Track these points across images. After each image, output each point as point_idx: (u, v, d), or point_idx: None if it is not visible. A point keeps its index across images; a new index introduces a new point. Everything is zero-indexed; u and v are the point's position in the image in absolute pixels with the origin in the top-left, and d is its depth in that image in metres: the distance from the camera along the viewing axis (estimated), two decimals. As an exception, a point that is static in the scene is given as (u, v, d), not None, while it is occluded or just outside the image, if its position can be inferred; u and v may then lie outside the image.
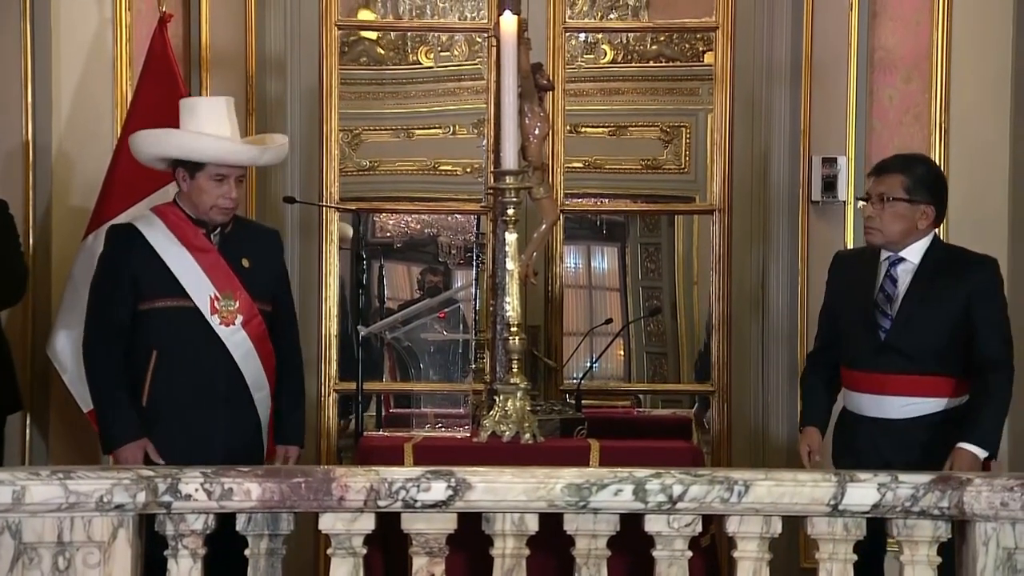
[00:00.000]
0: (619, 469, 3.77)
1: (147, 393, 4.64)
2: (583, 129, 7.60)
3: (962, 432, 4.40)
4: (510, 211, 4.84)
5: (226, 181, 4.66)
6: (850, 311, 4.65)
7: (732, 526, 3.79)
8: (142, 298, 4.66)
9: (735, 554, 3.82)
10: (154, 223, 4.71)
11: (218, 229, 4.73)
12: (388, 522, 3.81)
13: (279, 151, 4.92)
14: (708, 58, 6.89)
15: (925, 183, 4.57)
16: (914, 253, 4.58)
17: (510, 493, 3.73)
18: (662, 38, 7.64)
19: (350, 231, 6.17)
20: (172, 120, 5.63)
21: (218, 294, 4.64)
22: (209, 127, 4.72)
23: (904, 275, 4.57)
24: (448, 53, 7.69)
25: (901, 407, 4.51)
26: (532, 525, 3.78)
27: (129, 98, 5.87)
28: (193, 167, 4.67)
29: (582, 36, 7.59)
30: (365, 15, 7.42)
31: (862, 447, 4.56)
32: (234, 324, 4.66)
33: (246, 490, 3.73)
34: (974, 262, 4.61)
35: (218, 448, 4.53)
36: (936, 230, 4.67)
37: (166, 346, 4.64)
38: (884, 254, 4.62)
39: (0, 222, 5.58)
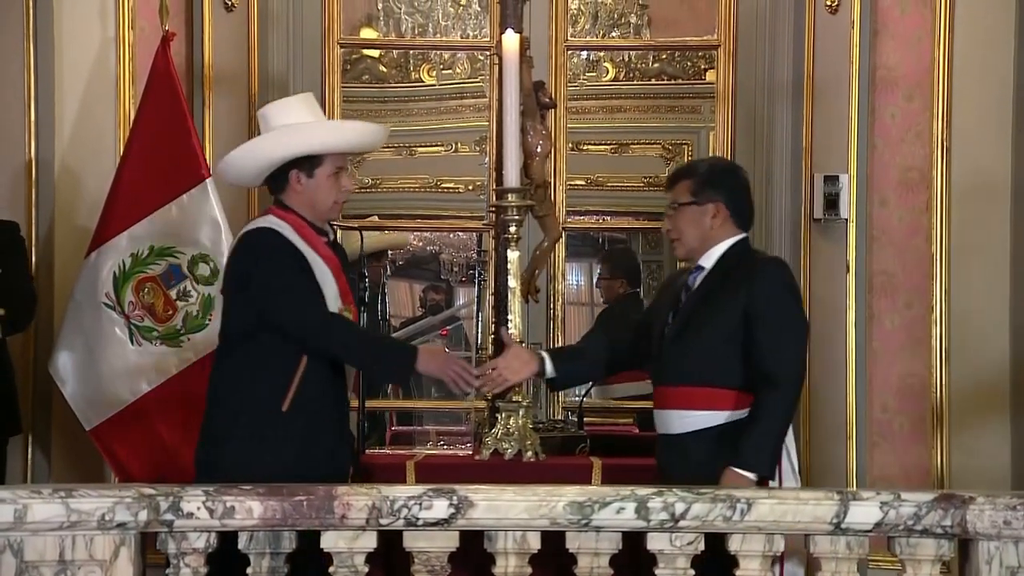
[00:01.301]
0: (621, 487, 3.75)
1: (290, 400, 4.28)
2: (585, 147, 7.61)
3: (733, 453, 4.15)
4: (512, 229, 4.84)
5: (342, 172, 4.40)
6: (653, 327, 4.43)
7: (735, 544, 3.78)
8: None
9: (738, 573, 3.81)
10: (286, 228, 4.33)
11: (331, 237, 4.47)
12: (390, 540, 3.81)
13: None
14: (710, 76, 6.91)
15: (709, 181, 4.31)
16: (710, 259, 4.32)
17: (512, 511, 3.72)
18: (664, 56, 7.67)
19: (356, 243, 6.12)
20: (176, 139, 5.67)
21: (342, 305, 4.40)
22: (309, 119, 4.44)
23: (698, 283, 4.33)
24: (450, 71, 7.71)
25: (679, 421, 4.27)
26: (534, 543, 3.77)
27: (132, 117, 5.87)
28: (311, 164, 4.33)
29: (584, 54, 7.61)
30: (367, 33, 7.44)
31: (657, 466, 4.40)
32: None
33: (248, 508, 3.72)
34: (755, 267, 4.30)
35: (341, 463, 4.35)
36: (744, 233, 4.35)
37: (313, 354, 4.33)
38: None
39: (10, 245, 5.60)
